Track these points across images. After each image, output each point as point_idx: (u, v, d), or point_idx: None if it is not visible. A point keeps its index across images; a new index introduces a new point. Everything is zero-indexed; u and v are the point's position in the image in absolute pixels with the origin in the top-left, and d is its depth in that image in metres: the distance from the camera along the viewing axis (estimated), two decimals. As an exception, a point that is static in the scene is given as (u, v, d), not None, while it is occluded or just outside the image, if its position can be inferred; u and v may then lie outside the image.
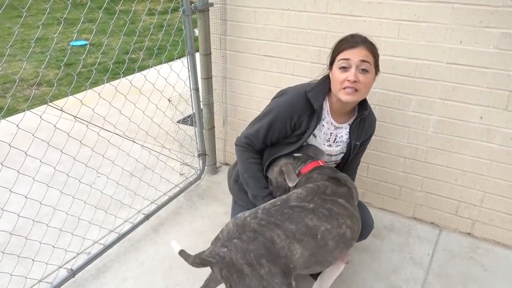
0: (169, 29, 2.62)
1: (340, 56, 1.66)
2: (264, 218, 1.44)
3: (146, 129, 2.63)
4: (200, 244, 2.29)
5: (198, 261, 1.45)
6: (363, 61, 1.62)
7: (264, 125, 1.77)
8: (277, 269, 1.38)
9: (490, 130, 2.09)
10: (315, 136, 1.84)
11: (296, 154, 1.79)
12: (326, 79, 1.77)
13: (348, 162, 1.92)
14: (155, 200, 2.56)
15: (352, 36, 1.68)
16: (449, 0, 1.93)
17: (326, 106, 1.80)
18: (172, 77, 2.59)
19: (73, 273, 2.04)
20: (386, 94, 2.27)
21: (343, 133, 1.85)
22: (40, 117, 1.82)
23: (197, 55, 2.51)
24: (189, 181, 2.73)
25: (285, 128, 1.77)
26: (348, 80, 1.61)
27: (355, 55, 1.62)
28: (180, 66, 2.63)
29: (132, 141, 2.68)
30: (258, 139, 1.80)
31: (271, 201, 1.54)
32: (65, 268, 2.05)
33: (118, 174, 2.61)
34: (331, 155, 1.89)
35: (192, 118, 2.87)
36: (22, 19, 1.92)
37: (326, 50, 2.34)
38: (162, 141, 2.81)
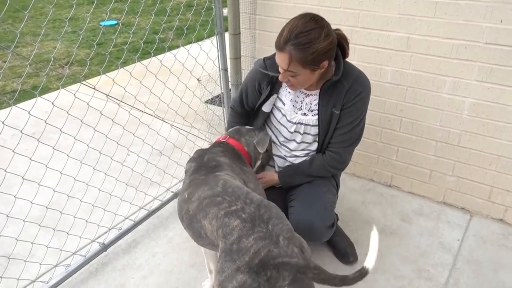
0: (198, 8, 2.61)
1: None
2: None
3: (175, 109, 2.65)
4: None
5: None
6: (287, 70, 1.58)
7: (241, 90, 1.94)
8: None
9: (529, 114, 2.01)
10: (284, 104, 1.84)
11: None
12: None
13: (333, 135, 1.80)
14: (183, 179, 2.59)
15: (281, 35, 1.56)
16: (491, -23, 1.85)
17: None
18: (201, 57, 2.59)
19: (105, 247, 2.12)
20: (419, 76, 2.21)
21: (318, 100, 1.78)
22: (74, 95, 1.86)
23: (226, 35, 2.50)
24: (216, 160, 2.75)
25: (254, 93, 1.88)
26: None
27: (280, 61, 1.59)
28: (209, 46, 2.62)
29: (162, 120, 2.72)
30: (237, 102, 2.00)
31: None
32: (97, 242, 2.12)
33: (148, 152, 2.66)
34: (311, 125, 1.81)
35: (220, 98, 2.87)
36: (56, -2, 1.95)
37: (358, 29, 2.28)
38: (191, 120, 2.83)
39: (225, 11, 2.45)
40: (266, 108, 1.88)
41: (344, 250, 2.07)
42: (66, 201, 2.19)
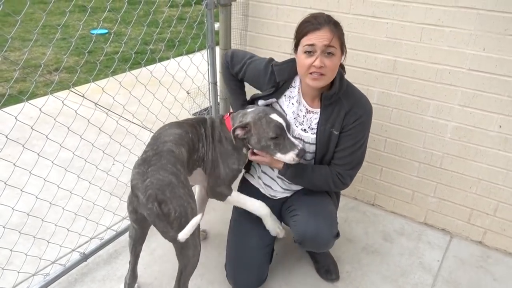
0: (190, 22, 2.65)
1: (305, 40, 1.62)
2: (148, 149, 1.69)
3: (163, 120, 2.65)
4: (211, 238, 2.31)
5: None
6: (328, 45, 1.58)
7: (242, 64, 1.91)
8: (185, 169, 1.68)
9: (508, 139, 2.07)
10: (285, 113, 1.83)
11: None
12: (294, 60, 1.75)
13: (334, 157, 1.80)
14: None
15: (315, 17, 1.62)
16: (475, 6, 1.92)
17: (297, 85, 1.81)
18: (191, 70, 2.61)
19: (85, 257, 2.09)
20: (404, 98, 2.26)
21: (318, 119, 1.79)
22: (63, 102, 1.86)
23: (217, 49, 2.53)
24: (202, 173, 2.75)
25: (250, 79, 1.92)
26: (314, 66, 1.60)
27: (319, 39, 1.58)
28: (200, 59, 2.65)
29: (150, 131, 2.71)
30: (235, 68, 1.94)
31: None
32: (78, 251, 2.09)
33: (134, 162, 2.64)
34: (309, 143, 1.81)
35: (209, 111, 2.89)
36: (51, 4, 1.96)
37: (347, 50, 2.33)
38: (177, 132, 2.84)
39: (217, 25, 2.49)
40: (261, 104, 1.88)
41: (328, 267, 2.08)
42: (48, 208, 2.16)
